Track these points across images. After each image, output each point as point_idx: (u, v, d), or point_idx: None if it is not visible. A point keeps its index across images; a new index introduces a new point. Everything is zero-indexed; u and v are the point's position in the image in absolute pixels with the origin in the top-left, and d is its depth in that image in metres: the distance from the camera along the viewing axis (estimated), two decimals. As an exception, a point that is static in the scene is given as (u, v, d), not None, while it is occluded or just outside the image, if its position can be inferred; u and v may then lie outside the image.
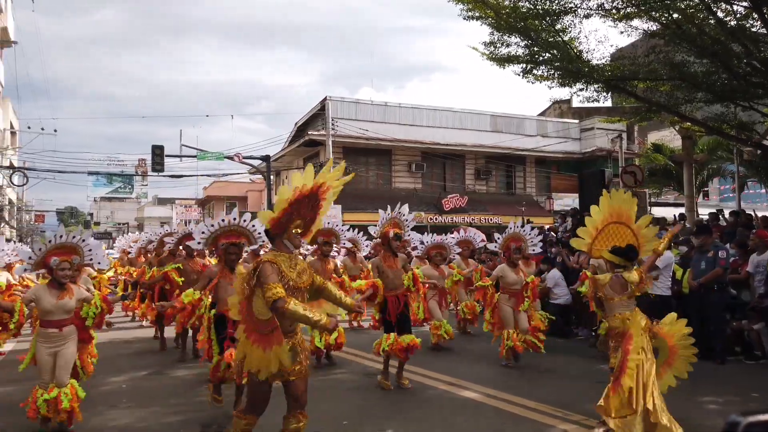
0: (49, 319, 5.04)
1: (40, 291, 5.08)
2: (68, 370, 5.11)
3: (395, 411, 5.81)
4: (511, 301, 7.69)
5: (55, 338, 5.07)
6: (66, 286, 5.11)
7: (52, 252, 5.17)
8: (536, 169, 30.13)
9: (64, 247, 5.26)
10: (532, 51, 12.01)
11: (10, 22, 35.16)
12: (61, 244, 5.26)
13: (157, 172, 23.95)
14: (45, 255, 5.16)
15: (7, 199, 36.75)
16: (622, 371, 4.56)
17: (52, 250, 5.18)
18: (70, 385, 5.05)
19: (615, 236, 5.05)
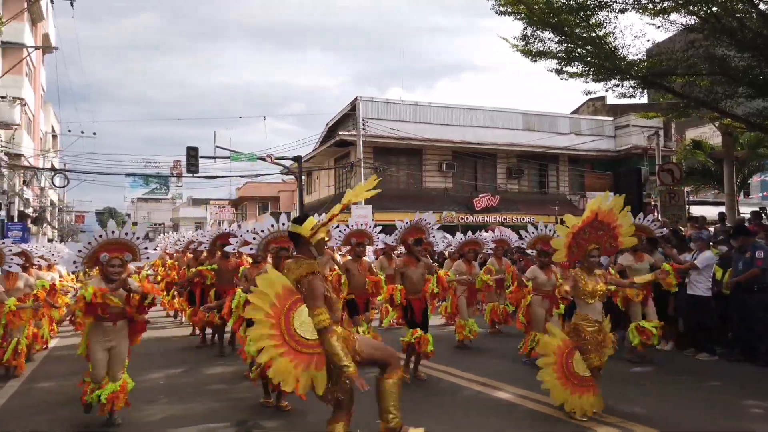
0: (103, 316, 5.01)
1: (96, 284, 5.03)
2: (121, 366, 5.16)
3: (425, 411, 5.79)
4: (545, 303, 7.58)
5: (110, 332, 5.08)
6: (118, 281, 5.06)
7: (103, 247, 5.15)
8: (569, 167, 29.68)
9: (116, 244, 5.19)
10: (566, 47, 11.82)
11: (51, 29, 36.32)
12: (114, 240, 5.19)
13: (192, 174, 24.42)
14: (95, 250, 5.12)
15: (49, 201, 37.95)
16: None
17: (103, 245, 5.15)
18: (123, 380, 5.10)
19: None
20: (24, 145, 28.61)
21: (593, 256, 5.45)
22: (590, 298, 5.38)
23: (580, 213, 5.88)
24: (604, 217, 5.43)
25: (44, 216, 36.31)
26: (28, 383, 7.16)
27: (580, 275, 5.42)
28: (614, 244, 5.56)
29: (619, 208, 5.44)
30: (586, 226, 5.44)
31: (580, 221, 5.43)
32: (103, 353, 5.04)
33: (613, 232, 5.49)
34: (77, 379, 5.95)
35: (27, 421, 5.61)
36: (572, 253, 5.50)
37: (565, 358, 5.32)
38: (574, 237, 5.44)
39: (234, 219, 50.16)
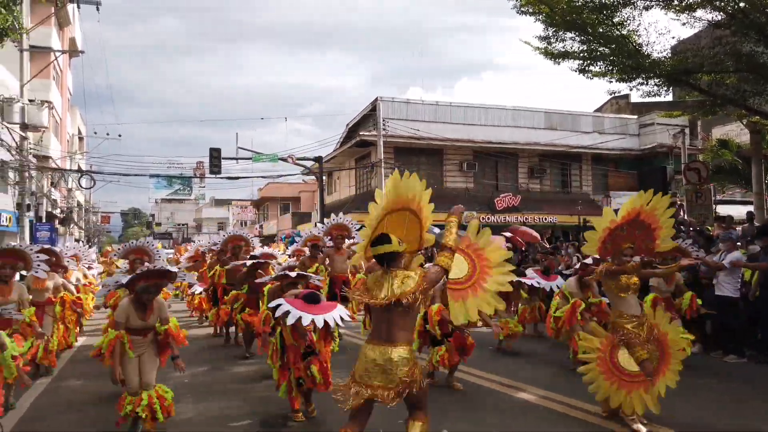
0: (134, 328, 5.03)
1: (128, 310, 5.00)
2: (153, 371, 5.11)
3: (450, 411, 5.78)
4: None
5: (140, 344, 5.07)
6: (150, 304, 5.06)
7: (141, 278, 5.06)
8: (593, 166, 29.32)
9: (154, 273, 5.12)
10: (589, 46, 11.69)
11: (77, 33, 37.04)
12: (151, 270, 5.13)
13: (215, 174, 24.69)
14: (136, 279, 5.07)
15: (75, 202, 38.70)
16: None
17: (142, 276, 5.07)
18: (158, 387, 5.05)
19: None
20: (52, 147, 29.22)
21: (626, 255, 5.25)
22: (624, 291, 5.21)
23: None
24: (647, 216, 5.21)
25: (71, 217, 37.03)
26: (57, 382, 7.31)
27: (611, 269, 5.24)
28: (650, 246, 5.34)
29: (664, 207, 5.20)
30: (625, 224, 5.24)
31: (620, 217, 5.22)
32: (133, 361, 5.01)
33: (651, 234, 5.27)
34: (104, 379, 6.05)
35: (56, 420, 5.74)
36: (605, 248, 5.31)
37: (610, 353, 5.19)
38: (611, 233, 5.25)
39: (256, 219, 50.62)
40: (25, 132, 21.90)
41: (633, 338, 5.13)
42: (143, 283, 4.99)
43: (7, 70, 24.53)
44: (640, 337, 5.14)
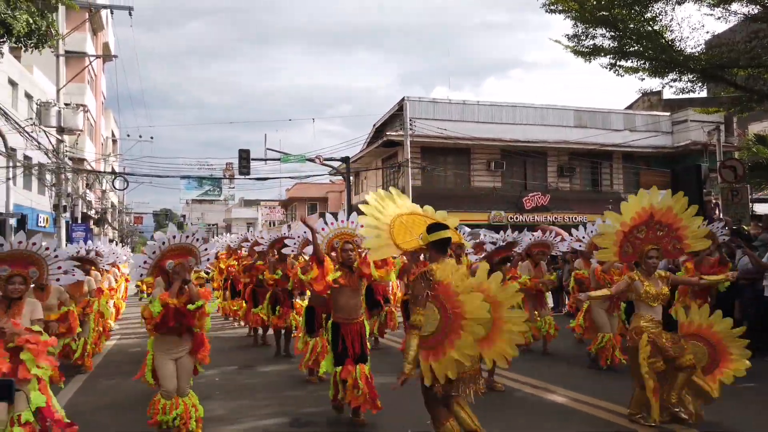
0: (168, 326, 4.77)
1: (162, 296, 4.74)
2: (188, 379, 4.95)
3: (480, 413, 5.74)
4: (604, 304, 7.40)
5: (174, 344, 4.86)
6: (184, 291, 4.80)
7: (167, 255, 4.90)
8: (624, 165, 28.78)
9: (179, 249, 4.97)
10: (620, 42, 11.48)
11: (110, 38, 37.92)
12: (177, 245, 4.96)
13: (244, 175, 24.99)
14: (160, 258, 4.92)
15: (109, 203, 39.62)
16: None
17: (166, 253, 4.92)
18: (191, 396, 4.92)
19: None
20: (86, 149, 29.97)
21: (651, 258, 5.13)
22: (653, 301, 5.10)
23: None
24: (663, 216, 5.09)
25: (105, 217, 37.92)
26: (93, 380, 7.47)
27: (639, 278, 5.14)
28: (679, 247, 5.18)
29: (681, 208, 5.09)
30: (639, 225, 5.13)
31: (629, 219, 5.12)
32: (170, 363, 4.82)
33: (676, 234, 5.13)
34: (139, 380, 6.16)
35: (92, 419, 5.86)
36: (625, 253, 5.21)
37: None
38: (626, 236, 5.15)
39: (284, 219, 51.08)
40: (61, 135, 22.51)
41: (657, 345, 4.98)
42: (170, 260, 4.84)
43: (44, 75, 25.26)
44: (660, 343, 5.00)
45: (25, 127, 18.03)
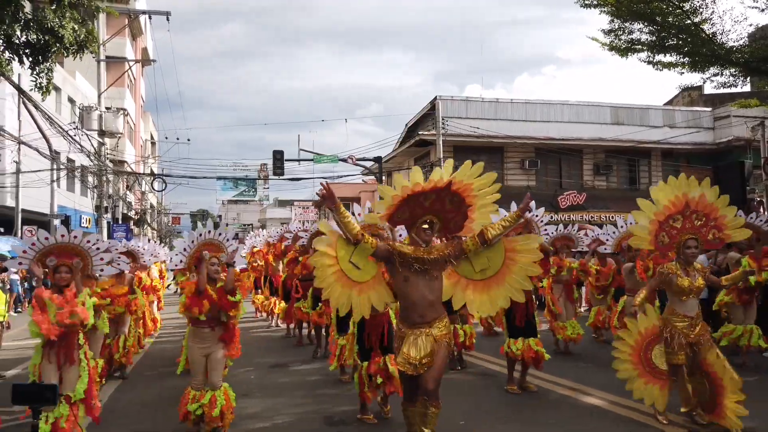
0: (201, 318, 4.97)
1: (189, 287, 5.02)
2: (220, 373, 5.08)
3: (513, 413, 5.69)
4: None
5: (207, 337, 5.02)
6: (217, 283, 5.04)
7: (203, 246, 5.21)
8: (663, 162, 28.04)
9: (211, 244, 5.27)
10: (659, 36, 11.20)
11: (149, 43, 38.87)
12: (210, 240, 5.27)
13: (278, 176, 25.29)
14: (197, 249, 5.22)
15: (148, 204, 40.62)
16: None
17: (203, 244, 5.26)
18: (223, 389, 5.03)
19: None
20: (127, 152, 30.80)
21: (689, 248, 4.94)
22: (684, 294, 4.96)
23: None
24: (698, 205, 4.90)
25: (145, 218, 38.89)
26: (131, 379, 7.64)
27: (674, 270, 4.99)
28: (719, 236, 4.97)
29: (714, 195, 4.92)
30: (675, 214, 4.95)
31: (662, 207, 4.96)
32: (201, 358, 5.00)
33: (716, 223, 4.94)
34: (177, 378, 6.29)
35: (130, 416, 6.02)
36: (661, 243, 5.03)
37: (646, 344, 5.12)
38: (661, 225, 4.98)
39: (317, 219, 51.51)
40: (102, 138, 23.19)
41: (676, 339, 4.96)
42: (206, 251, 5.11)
43: (86, 80, 26.08)
44: (688, 337, 4.94)
45: (68, 131, 18.65)
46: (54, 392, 1.63)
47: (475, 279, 4.27)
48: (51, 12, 10.12)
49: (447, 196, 4.11)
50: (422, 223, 4.10)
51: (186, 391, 5.03)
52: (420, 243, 4.08)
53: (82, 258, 5.00)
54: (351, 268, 3.99)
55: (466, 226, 4.28)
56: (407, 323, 4.09)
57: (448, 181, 4.03)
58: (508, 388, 6.47)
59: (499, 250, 4.24)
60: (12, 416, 5.25)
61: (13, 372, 8.19)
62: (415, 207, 4.09)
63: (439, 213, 4.16)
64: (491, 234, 4.15)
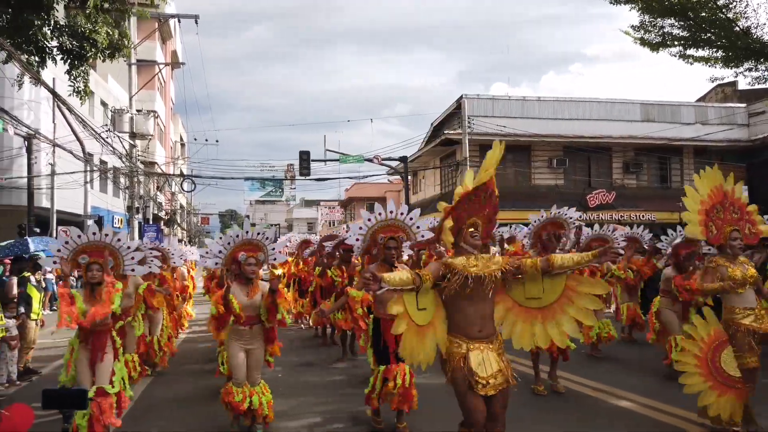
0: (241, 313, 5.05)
1: (232, 288, 5.04)
2: (259, 370, 5.20)
3: (543, 415, 5.63)
4: (676, 307, 6.97)
5: (246, 335, 5.11)
6: (254, 282, 5.10)
7: (240, 247, 5.23)
8: (695, 159, 27.40)
9: (249, 244, 5.29)
10: (692, 31, 10.94)
11: (178, 46, 39.54)
12: (248, 240, 5.28)
13: (304, 176, 25.47)
14: (233, 250, 5.23)
15: (178, 204, 41.31)
16: None
17: (239, 246, 5.24)
18: (262, 385, 5.17)
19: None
20: (157, 153, 31.39)
21: (735, 239, 4.75)
22: (741, 286, 4.70)
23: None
24: (733, 198, 4.77)
25: (175, 218, 39.57)
26: (163, 375, 7.78)
27: (723, 263, 4.78)
28: (754, 231, 4.82)
29: (739, 192, 4.79)
30: (717, 205, 4.78)
31: (706, 196, 4.78)
32: (242, 355, 5.08)
33: (749, 218, 4.80)
34: (209, 376, 6.38)
35: (164, 413, 6.13)
36: (711, 233, 4.83)
37: (713, 350, 4.69)
38: (707, 214, 4.78)
39: (343, 219, 51.75)
40: (133, 140, 23.68)
41: (744, 341, 4.66)
42: (243, 253, 5.13)
43: (118, 83, 26.66)
44: (757, 335, 4.66)
45: (101, 134, 19.09)
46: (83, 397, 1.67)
47: (520, 303, 3.84)
48: (84, 17, 10.36)
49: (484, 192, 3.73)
50: (468, 228, 3.68)
51: (227, 387, 5.15)
52: (470, 251, 3.67)
53: (114, 257, 5.13)
54: (420, 315, 3.61)
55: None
56: (465, 336, 3.61)
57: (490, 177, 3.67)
58: (534, 387, 6.41)
59: (559, 285, 3.75)
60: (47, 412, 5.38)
61: (48, 369, 8.41)
62: (462, 212, 3.73)
63: (478, 214, 3.76)
64: (558, 263, 3.62)
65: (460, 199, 3.67)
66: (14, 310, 7.68)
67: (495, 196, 3.80)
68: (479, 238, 3.69)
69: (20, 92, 16.96)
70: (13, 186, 18.56)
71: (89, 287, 4.83)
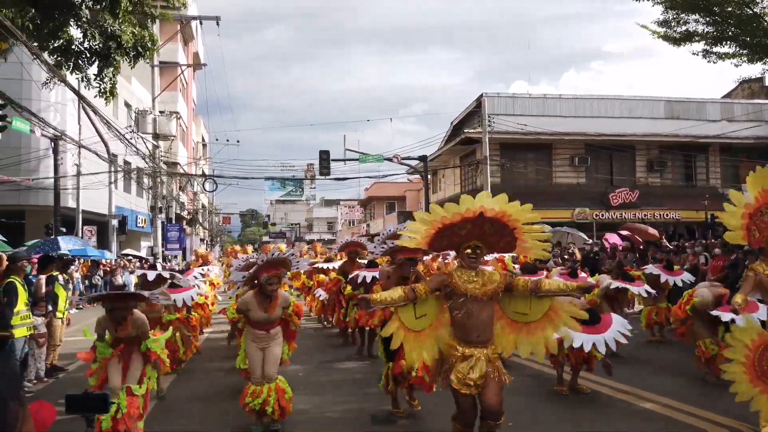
0: (258, 323, 5.26)
1: (250, 303, 5.22)
2: (276, 366, 5.31)
3: (565, 417, 5.58)
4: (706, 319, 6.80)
5: (264, 338, 5.29)
6: (274, 297, 5.25)
7: (263, 269, 5.36)
8: (721, 157, 26.89)
9: (274, 262, 5.42)
10: (716, 27, 10.74)
11: (200, 47, 39.98)
12: (272, 259, 5.46)
13: (324, 176, 25.55)
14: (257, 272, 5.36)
15: (200, 204, 41.78)
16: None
17: (263, 267, 5.37)
18: (278, 381, 5.26)
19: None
20: (179, 154, 31.78)
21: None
22: None
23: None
24: None
25: (197, 218, 40.03)
26: (186, 374, 7.86)
27: (761, 269, 4.63)
28: None
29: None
30: (763, 206, 4.53)
31: (753, 197, 4.54)
32: (258, 353, 5.27)
33: None
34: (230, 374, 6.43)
35: (186, 410, 6.20)
36: (753, 237, 4.61)
37: (759, 355, 4.48)
38: (751, 218, 4.55)
39: (363, 219, 51.84)
40: (156, 141, 24.01)
41: None
42: (265, 274, 5.24)
43: (141, 84, 27.05)
44: None
45: (125, 135, 19.39)
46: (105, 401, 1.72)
47: (507, 315, 4.21)
48: (111, 16, 10.53)
49: (484, 224, 3.94)
50: (466, 249, 3.99)
51: (247, 386, 5.29)
52: (468, 268, 4.02)
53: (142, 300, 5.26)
54: (418, 322, 4.09)
55: (519, 246, 4.12)
56: (463, 341, 3.96)
57: (478, 212, 3.85)
58: (557, 388, 6.35)
59: (544, 306, 4.16)
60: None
61: (74, 366, 8.57)
62: (453, 236, 4.00)
63: (481, 238, 4.02)
64: (545, 287, 4.05)
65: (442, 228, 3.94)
66: (43, 309, 7.84)
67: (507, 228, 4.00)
68: (477, 262, 4.04)
69: (47, 94, 17.34)
70: (40, 187, 18.95)
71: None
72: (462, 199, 3.91)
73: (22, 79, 16.82)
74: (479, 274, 4.00)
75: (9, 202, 18.74)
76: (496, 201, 3.91)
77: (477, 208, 3.84)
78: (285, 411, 5.22)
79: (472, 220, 3.88)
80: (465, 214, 3.85)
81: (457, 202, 3.98)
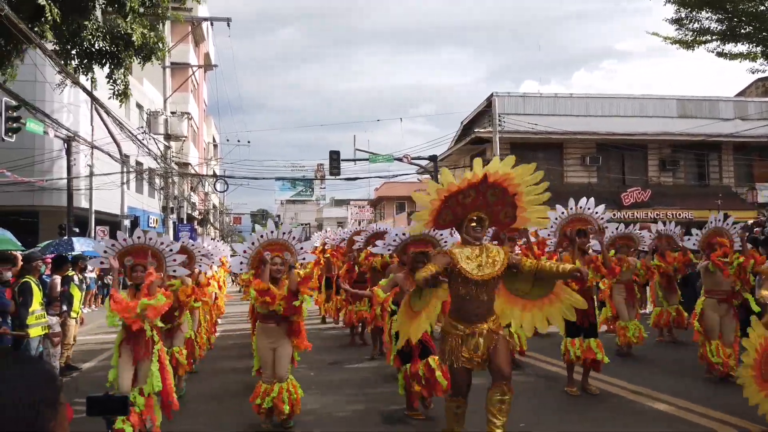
0: (267, 313, 5.19)
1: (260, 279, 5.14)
2: (286, 365, 5.26)
3: (575, 417, 5.55)
4: (720, 309, 6.69)
5: (273, 333, 5.22)
6: (280, 282, 5.19)
7: (265, 247, 5.30)
8: (734, 156, 26.60)
9: (276, 244, 5.36)
10: (730, 25, 10.63)
11: (211, 48, 40.19)
12: (274, 240, 5.37)
13: (334, 176, 25.60)
14: (258, 250, 5.34)
15: (211, 204, 42.01)
16: None
17: (265, 245, 5.32)
18: (290, 381, 5.24)
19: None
20: (191, 154, 31.97)
21: None
22: None
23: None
24: None
25: (208, 218, 40.25)
26: (197, 373, 7.88)
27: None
28: None
29: None
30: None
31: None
32: (269, 352, 5.24)
33: None
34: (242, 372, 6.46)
35: (198, 407, 6.25)
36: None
37: (764, 358, 4.47)
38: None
39: (373, 218, 51.86)
40: (168, 141, 24.17)
41: None
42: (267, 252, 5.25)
43: (152, 85, 27.25)
44: None
45: (136, 135, 19.54)
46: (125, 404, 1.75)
47: (507, 289, 4.35)
48: (121, 19, 10.64)
49: (487, 190, 4.06)
50: (470, 221, 4.07)
51: (258, 385, 5.30)
52: (472, 242, 4.07)
53: (158, 259, 5.25)
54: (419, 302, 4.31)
55: (519, 217, 4.23)
56: (463, 320, 4.08)
57: (483, 175, 4.00)
58: (567, 389, 6.33)
59: (547, 288, 4.31)
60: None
61: (88, 365, 8.66)
62: (457, 207, 4.07)
63: (483, 208, 4.12)
64: (546, 269, 4.20)
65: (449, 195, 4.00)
66: (58, 308, 7.94)
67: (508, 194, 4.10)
68: (481, 232, 4.08)
69: (60, 95, 17.51)
70: (54, 187, 19.14)
71: (133, 287, 5.01)
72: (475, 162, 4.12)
73: (35, 81, 17.00)
74: (483, 250, 4.05)
75: (23, 203, 18.95)
76: (503, 164, 4.10)
77: (481, 173, 3.99)
78: (293, 411, 5.21)
79: (476, 186, 4.00)
80: (471, 179, 3.99)
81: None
